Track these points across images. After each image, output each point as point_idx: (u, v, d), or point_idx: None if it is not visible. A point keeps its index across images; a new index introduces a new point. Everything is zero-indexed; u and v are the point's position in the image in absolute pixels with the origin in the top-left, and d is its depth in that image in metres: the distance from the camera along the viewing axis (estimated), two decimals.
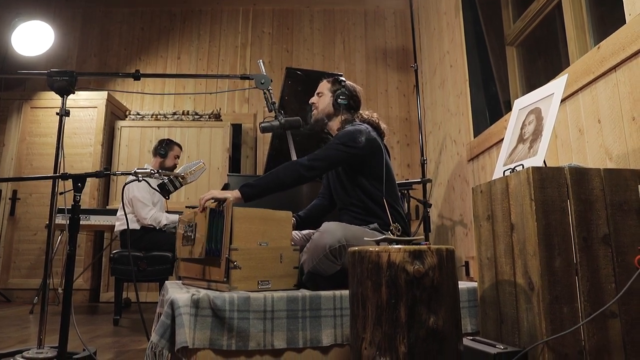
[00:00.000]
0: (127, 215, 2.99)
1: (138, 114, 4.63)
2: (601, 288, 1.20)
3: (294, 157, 2.77)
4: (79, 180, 1.53)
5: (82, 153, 4.33)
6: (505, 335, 1.34)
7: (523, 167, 1.36)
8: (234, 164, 4.76)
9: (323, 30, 5.26)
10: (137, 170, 1.63)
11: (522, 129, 1.52)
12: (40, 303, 2.52)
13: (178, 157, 3.32)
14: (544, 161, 1.34)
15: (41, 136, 4.39)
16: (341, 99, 1.96)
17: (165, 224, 2.99)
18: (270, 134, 3.78)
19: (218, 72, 5.10)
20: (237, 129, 4.87)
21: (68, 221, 1.60)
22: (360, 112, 2.00)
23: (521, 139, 1.50)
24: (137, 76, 1.93)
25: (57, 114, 1.89)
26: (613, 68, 1.79)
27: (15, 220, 4.23)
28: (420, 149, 3.88)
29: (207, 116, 4.66)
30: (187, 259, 1.82)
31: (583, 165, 1.34)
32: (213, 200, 1.62)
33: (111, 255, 2.86)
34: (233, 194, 1.65)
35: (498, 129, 2.90)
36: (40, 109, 4.44)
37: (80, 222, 3.47)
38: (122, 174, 1.64)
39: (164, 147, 3.22)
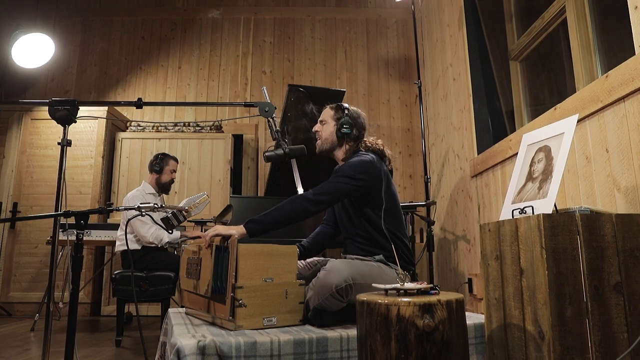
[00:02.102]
0: (127, 236, 2.97)
1: (139, 125, 4.61)
2: (613, 338, 1.18)
3: (299, 184, 2.76)
4: (81, 218, 1.51)
5: (83, 165, 4.31)
6: None
7: (532, 209, 1.35)
8: (235, 175, 4.74)
9: (324, 39, 5.24)
10: (140, 205, 1.61)
11: (531, 166, 1.50)
12: (44, 318, 2.50)
13: (174, 171, 3.28)
14: (555, 204, 1.32)
15: (42, 148, 4.36)
16: (345, 128, 1.93)
17: (168, 242, 2.96)
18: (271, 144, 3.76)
19: (219, 81, 5.08)
20: (238, 140, 4.85)
21: (70, 236, 1.57)
22: (365, 139, 1.98)
23: (530, 177, 1.48)
24: (139, 105, 1.91)
25: (59, 143, 1.87)
26: (622, 99, 1.77)
27: (16, 233, 4.21)
28: (423, 167, 3.86)
29: (209, 127, 4.63)
30: (191, 292, 1.80)
31: (594, 208, 1.32)
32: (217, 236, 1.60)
33: (112, 275, 2.84)
34: (238, 230, 1.63)
35: (502, 148, 2.88)
36: (40, 120, 4.42)
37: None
38: (126, 209, 1.62)
39: (159, 163, 3.17)
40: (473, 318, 1.70)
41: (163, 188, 3.19)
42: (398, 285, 1.23)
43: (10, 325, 3.58)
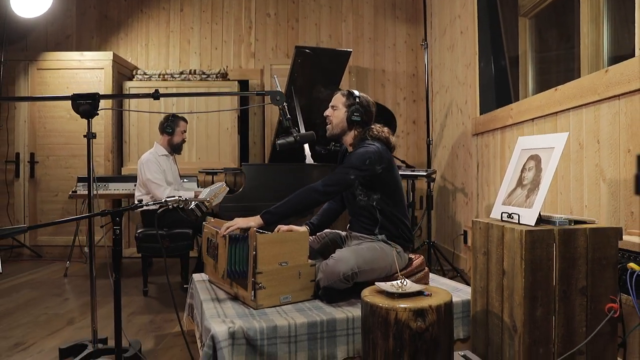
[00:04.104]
0: (145, 196, 3.18)
1: (145, 73, 4.61)
2: (574, 331, 1.42)
3: (308, 152, 2.92)
4: (117, 215, 1.69)
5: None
6: (490, 356, 1.59)
7: (519, 217, 1.52)
8: (243, 122, 4.84)
9: None
10: (167, 200, 1.78)
11: (522, 172, 1.65)
12: (75, 263, 2.78)
13: (185, 131, 3.39)
14: (540, 213, 1.49)
15: None
16: (355, 115, 2.04)
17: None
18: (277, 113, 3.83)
19: (223, 24, 4.98)
20: (244, 86, 4.87)
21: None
22: (372, 126, 2.09)
23: (520, 183, 1.63)
24: (156, 96, 2.00)
25: (85, 136, 2.00)
26: (617, 96, 1.85)
27: (36, 182, 4.43)
28: (426, 114, 3.95)
29: (215, 76, 4.64)
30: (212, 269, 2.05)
31: (572, 218, 1.49)
32: (240, 230, 1.81)
33: (136, 234, 3.09)
34: (256, 221, 1.82)
35: (503, 115, 2.97)
36: (46, 70, 4.43)
37: (100, 192, 3.67)
38: (155, 203, 1.80)
39: (170, 125, 3.28)
40: (461, 294, 1.94)
41: (175, 148, 3.33)
42: (397, 286, 1.45)
43: (43, 269, 3.94)
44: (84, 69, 4.41)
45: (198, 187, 4.05)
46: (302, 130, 3.20)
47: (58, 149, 4.43)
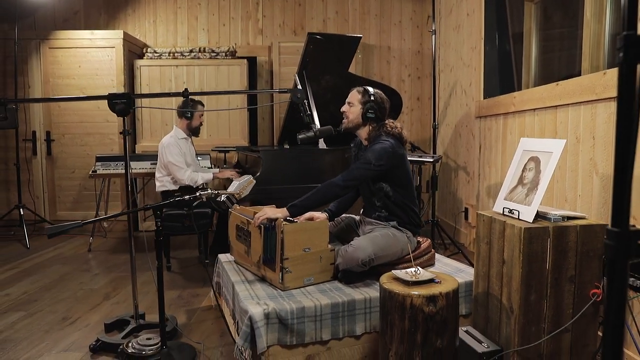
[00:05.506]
0: (165, 177, 3.37)
1: (155, 51, 4.68)
2: (562, 313, 1.66)
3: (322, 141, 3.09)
4: (158, 209, 1.89)
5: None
6: (489, 332, 1.83)
7: (519, 213, 1.72)
8: (251, 98, 4.95)
9: None
10: (201, 193, 1.97)
11: (523, 171, 1.83)
12: (97, 238, 3.00)
13: (202, 115, 3.55)
14: (538, 211, 1.69)
15: (64, 77, 4.52)
16: (370, 112, 2.20)
17: (202, 183, 3.37)
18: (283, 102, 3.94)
19: (230, 0, 4.99)
20: (252, 62, 4.94)
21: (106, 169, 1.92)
22: (386, 122, 2.26)
23: (521, 182, 1.82)
24: (185, 95, 2.15)
25: (121, 133, 2.16)
26: (613, 98, 2.01)
27: (53, 159, 4.60)
28: (432, 91, 4.07)
29: (224, 53, 4.72)
30: (242, 253, 2.26)
31: (565, 214, 1.70)
32: (267, 220, 2.01)
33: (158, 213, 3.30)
34: (282, 213, 2.02)
35: (506, 101, 3.12)
36: (58, 49, 4.49)
37: (117, 171, 3.91)
38: (190, 197, 1.99)
39: (190, 110, 3.43)
40: (465, 275, 2.17)
41: (194, 132, 3.50)
42: (411, 274, 1.67)
43: (66, 244, 4.16)
44: (95, 47, 4.48)
45: (211, 164, 4.23)
46: (315, 115, 3.35)
47: (73, 127, 4.57)
